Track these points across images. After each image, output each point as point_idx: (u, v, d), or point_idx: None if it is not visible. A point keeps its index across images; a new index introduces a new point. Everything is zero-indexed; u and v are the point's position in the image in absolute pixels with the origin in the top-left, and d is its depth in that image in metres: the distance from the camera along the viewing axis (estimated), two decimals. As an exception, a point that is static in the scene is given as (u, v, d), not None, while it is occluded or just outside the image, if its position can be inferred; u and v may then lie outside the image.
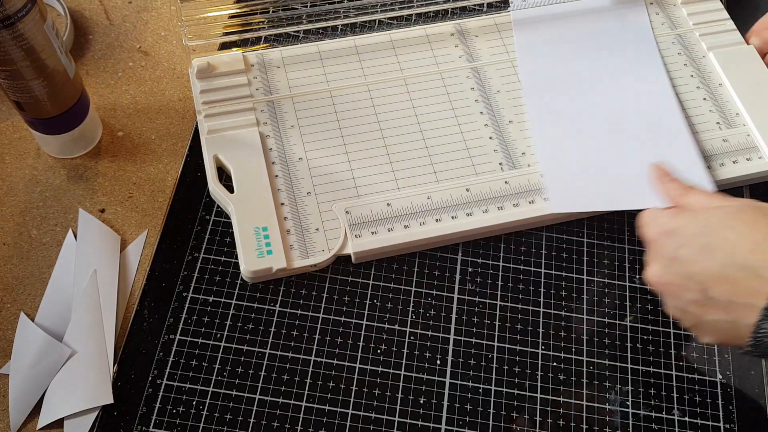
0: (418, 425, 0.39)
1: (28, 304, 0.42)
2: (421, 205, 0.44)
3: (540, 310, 0.43)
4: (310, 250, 0.42)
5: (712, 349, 0.42)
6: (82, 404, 0.38)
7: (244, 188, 0.43)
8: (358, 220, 0.43)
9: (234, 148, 0.45)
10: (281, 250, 0.41)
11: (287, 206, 0.43)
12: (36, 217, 0.45)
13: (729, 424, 0.40)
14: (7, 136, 0.48)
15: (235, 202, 0.43)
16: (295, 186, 0.44)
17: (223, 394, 0.40)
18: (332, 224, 0.43)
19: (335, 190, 0.44)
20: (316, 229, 0.43)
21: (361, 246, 0.42)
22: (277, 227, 0.42)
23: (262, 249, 0.41)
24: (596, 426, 0.40)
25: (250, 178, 0.44)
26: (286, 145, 0.45)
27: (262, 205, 0.43)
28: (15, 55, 0.38)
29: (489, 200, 0.44)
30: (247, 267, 0.41)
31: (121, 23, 0.53)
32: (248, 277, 0.42)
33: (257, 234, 0.42)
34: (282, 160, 0.45)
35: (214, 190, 0.44)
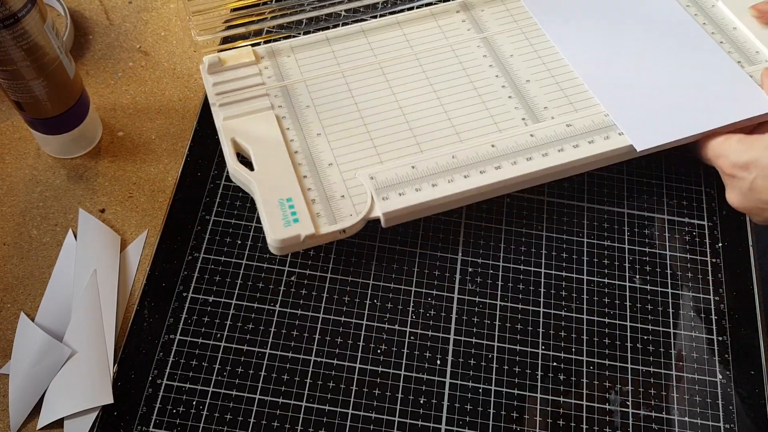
0: (418, 425, 0.39)
1: (28, 304, 0.42)
2: (447, 164, 0.43)
3: (540, 310, 0.43)
4: (338, 216, 0.42)
5: (712, 349, 0.42)
6: (82, 404, 0.38)
7: (264, 165, 0.43)
8: (384, 183, 0.42)
9: (251, 130, 0.45)
10: (308, 218, 0.41)
11: (310, 178, 0.43)
12: (36, 217, 0.45)
13: (729, 424, 0.40)
14: (7, 136, 0.48)
15: (256, 179, 0.42)
16: (316, 159, 0.44)
17: (223, 394, 0.40)
18: (358, 190, 0.43)
19: (357, 159, 0.44)
20: (341, 196, 0.42)
21: (389, 207, 0.42)
22: (301, 197, 0.42)
23: (288, 218, 0.41)
24: (596, 426, 0.40)
25: (269, 155, 0.44)
26: (303, 123, 0.46)
27: (284, 179, 0.43)
28: (15, 55, 0.38)
29: (516, 153, 0.44)
30: (274, 236, 0.40)
31: (121, 23, 0.53)
32: (276, 248, 0.41)
33: (282, 205, 0.41)
34: (300, 137, 0.45)
35: (234, 170, 0.43)
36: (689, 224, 0.46)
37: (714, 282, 0.44)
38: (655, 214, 0.47)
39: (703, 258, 0.45)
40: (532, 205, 0.47)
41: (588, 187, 0.47)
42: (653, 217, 0.47)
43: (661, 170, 0.48)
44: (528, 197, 0.47)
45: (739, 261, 0.45)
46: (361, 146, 0.45)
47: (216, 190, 0.46)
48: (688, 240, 0.46)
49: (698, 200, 0.47)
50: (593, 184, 0.47)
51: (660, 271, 0.45)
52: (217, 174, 0.46)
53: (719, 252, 0.45)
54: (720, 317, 0.43)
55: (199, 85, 0.50)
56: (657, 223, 0.46)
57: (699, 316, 0.43)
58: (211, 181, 0.46)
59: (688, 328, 0.43)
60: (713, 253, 0.45)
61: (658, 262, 0.45)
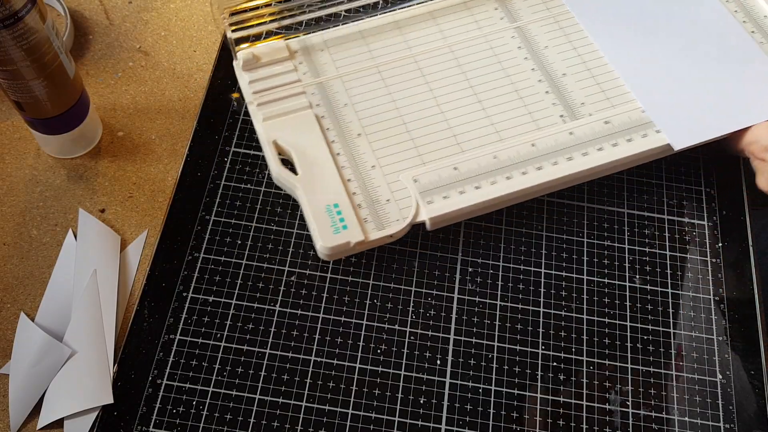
0: (418, 425, 0.39)
1: (28, 304, 0.42)
2: (489, 165, 0.43)
3: (540, 310, 0.43)
4: (384, 221, 0.42)
5: (712, 349, 0.42)
6: (82, 404, 0.38)
7: (308, 169, 0.43)
8: (428, 186, 0.43)
9: (291, 132, 0.45)
10: (356, 224, 0.41)
11: (354, 181, 0.43)
12: (36, 217, 0.45)
13: (729, 424, 0.40)
14: (7, 136, 0.48)
15: (302, 183, 0.42)
16: (359, 161, 0.44)
17: (223, 394, 0.40)
18: (402, 194, 0.43)
19: (399, 160, 0.44)
20: (386, 200, 0.42)
21: (435, 211, 0.42)
22: (348, 202, 0.42)
23: (336, 225, 0.41)
24: (596, 426, 0.40)
25: (312, 158, 0.43)
26: (343, 123, 0.45)
27: (329, 183, 0.43)
28: (15, 55, 0.38)
29: (557, 152, 0.44)
30: (324, 243, 0.41)
31: (121, 23, 0.53)
32: (326, 255, 0.41)
33: (329, 211, 0.41)
34: (341, 138, 0.45)
35: (278, 174, 0.43)
36: (689, 224, 0.46)
37: (714, 282, 0.44)
38: (655, 214, 0.47)
39: (703, 258, 0.45)
40: (532, 205, 0.46)
41: (588, 187, 0.47)
42: (653, 217, 0.47)
43: (661, 170, 0.48)
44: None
45: (739, 261, 0.45)
46: (402, 147, 0.45)
47: (216, 190, 0.46)
48: (688, 240, 0.46)
49: (698, 200, 0.47)
50: (593, 184, 0.47)
51: (660, 271, 0.45)
52: (217, 174, 0.46)
53: (719, 252, 0.45)
54: (720, 317, 0.43)
55: (200, 85, 0.50)
56: (657, 223, 0.46)
57: (699, 316, 0.43)
58: (211, 181, 0.46)
59: (688, 328, 0.43)
60: (713, 253, 0.45)
61: (658, 262, 0.45)
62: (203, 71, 0.51)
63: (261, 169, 0.47)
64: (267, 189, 0.46)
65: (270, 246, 0.44)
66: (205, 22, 0.53)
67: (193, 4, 0.54)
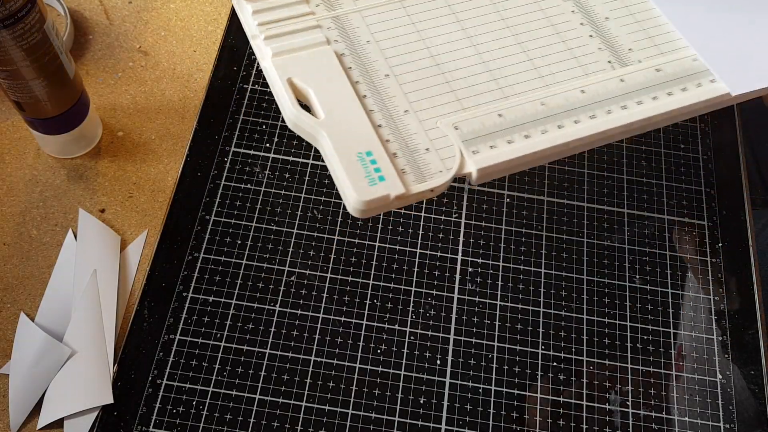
0: (418, 425, 0.39)
1: (28, 304, 0.42)
2: (537, 112, 0.39)
3: (540, 310, 0.43)
4: (426, 172, 0.36)
5: (712, 349, 0.42)
6: (82, 404, 0.38)
7: (331, 112, 0.37)
8: (471, 134, 0.38)
9: (309, 70, 0.39)
10: (394, 175, 0.36)
11: (386, 128, 0.38)
12: (36, 217, 0.45)
13: (729, 424, 0.40)
14: (7, 136, 0.48)
15: (326, 127, 0.37)
16: (389, 104, 0.39)
17: (223, 394, 0.40)
18: (442, 142, 0.37)
19: (435, 105, 0.39)
20: (425, 149, 0.37)
21: (483, 162, 0.37)
22: (382, 150, 0.36)
23: (371, 176, 0.35)
24: (596, 426, 0.40)
25: (335, 100, 0.38)
26: (367, 62, 0.40)
27: (358, 128, 0.37)
28: (15, 55, 0.38)
29: (609, 101, 0.40)
30: (359, 197, 0.35)
31: (121, 23, 0.53)
32: (360, 210, 0.35)
33: (362, 160, 0.36)
34: (366, 79, 0.39)
35: (295, 117, 0.37)
36: (689, 224, 0.46)
37: (714, 282, 0.44)
38: (655, 214, 0.47)
39: (703, 258, 0.45)
40: (532, 205, 0.47)
41: (588, 187, 0.47)
42: (653, 217, 0.47)
43: (661, 170, 0.48)
44: (528, 197, 0.47)
45: (739, 261, 0.45)
46: (438, 90, 0.40)
47: (216, 190, 0.46)
48: (688, 240, 0.46)
49: (698, 200, 0.47)
50: (593, 184, 0.48)
51: (660, 271, 0.45)
52: (217, 174, 0.46)
53: (719, 252, 0.45)
54: (720, 317, 0.43)
55: (200, 85, 0.50)
56: (657, 223, 0.46)
57: (699, 316, 0.43)
58: (211, 181, 0.46)
59: (688, 328, 0.43)
60: (713, 253, 0.45)
61: (658, 262, 0.45)
62: (203, 71, 0.51)
63: (261, 169, 0.47)
64: (267, 189, 0.46)
65: (270, 246, 0.44)
66: (205, 22, 0.53)
67: (193, 4, 0.54)
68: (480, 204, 0.46)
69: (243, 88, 0.50)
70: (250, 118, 0.48)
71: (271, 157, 0.47)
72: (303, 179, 0.47)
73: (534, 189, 0.47)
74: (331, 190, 0.46)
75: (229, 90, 0.50)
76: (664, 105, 0.40)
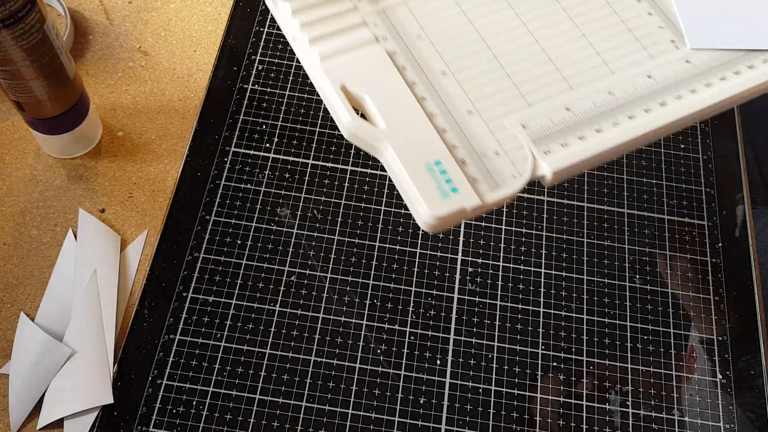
0: (418, 425, 0.39)
1: (28, 304, 0.42)
2: (605, 103, 0.36)
3: (540, 310, 0.43)
4: (498, 178, 0.34)
5: (712, 349, 0.42)
6: (82, 404, 0.38)
7: (392, 119, 0.34)
8: (540, 133, 0.35)
9: (362, 73, 0.36)
10: (467, 185, 0.33)
11: (450, 132, 0.35)
12: (36, 217, 0.45)
13: (729, 424, 0.40)
14: (7, 136, 0.48)
15: (389, 137, 0.34)
16: (450, 106, 0.36)
17: (223, 394, 0.40)
18: (511, 144, 0.35)
19: (499, 103, 0.36)
20: (495, 153, 0.34)
21: (557, 162, 0.34)
22: (451, 159, 0.33)
23: (443, 188, 0.33)
24: (596, 426, 0.40)
25: (394, 105, 0.35)
26: (421, 60, 0.37)
27: (422, 136, 0.34)
28: (15, 55, 0.38)
29: (678, 85, 0.37)
30: (433, 212, 0.32)
31: (121, 23, 0.53)
32: (432, 225, 0.33)
33: (431, 171, 0.33)
34: (423, 79, 0.36)
35: (355, 127, 0.34)
36: (689, 224, 0.46)
37: (714, 282, 0.44)
38: (655, 214, 0.47)
39: (703, 258, 0.45)
40: (532, 205, 0.47)
41: (588, 187, 0.47)
42: (653, 217, 0.47)
43: (661, 170, 0.48)
44: (528, 197, 0.47)
45: (739, 261, 0.45)
46: (499, 86, 0.37)
47: (216, 190, 0.46)
48: (688, 240, 0.46)
49: (698, 200, 0.47)
50: (593, 184, 0.48)
51: (660, 271, 0.45)
52: (217, 174, 0.46)
53: (719, 252, 0.45)
54: (720, 317, 0.43)
55: (200, 85, 0.50)
56: (657, 223, 0.46)
57: (699, 316, 0.43)
58: (211, 181, 0.46)
59: (688, 328, 0.43)
60: (713, 253, 0.45)
61: (658, 262, 0.45)
62: (203, 71, 0.51)
63: (261, 169, 0.47)
64: (267, 189, 0.46)
65: (270, 246, 0.44)
66: (205, 22, 0.53)
67: (193, 4, 0.54)
68: (480, 204, 0.46)
69: (243, 88, 0.50)
70: (250, 118, 0.48)
71: (271, 157, 0.47)
72: (303, 179, 0.47)
73: (534, 189, 0.47)
74: (331, 190, 0.46)
75: (229, 90, 0.50)
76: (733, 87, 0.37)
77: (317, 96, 0.50)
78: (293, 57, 0.51)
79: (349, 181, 0.47)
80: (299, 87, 0.50)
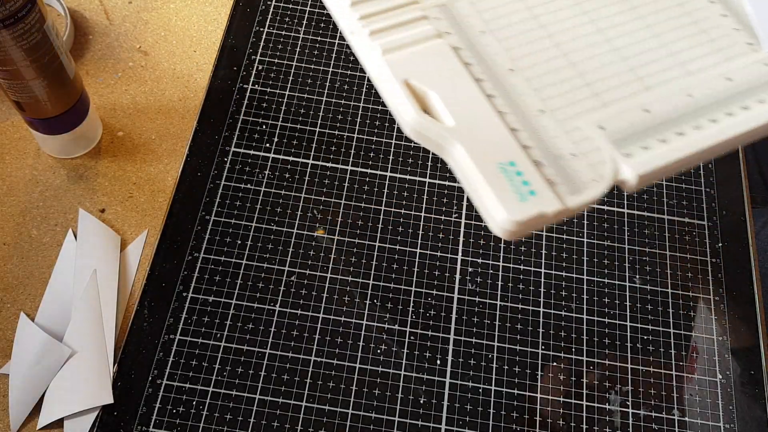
0: (418, 425, 0.39)
1: (28, 304, 0.42)
2: (686, 105, 0.34)
3: (540, 310, 0.43)
4: (578, 182, 0.32)
5: (712, 349, 0.42)
6: (82, 404, 0.38)
7: (460, 117, 0.32)
8: (618, 135, 0.33)
9: (426, 68, 0.34)
10: (546, 188, 0.31)
11: (523, 132, 0.33)
12: (36, 217, 0.45)
13: (729, 424, 0.40)
14: (7, 136, 0.48)
15: (459, 136, 0.32)
16: (521, 104, 0.34)
17: (223, 394, 0.40)
18: (588, 145, 0.33)
19: (572, 102, 0.34)
20: (571, 154, 0.32)
21: (641, 166, 0.32)
22: (526, 159, 0.31)
23: (520, 190, 0.30)
24: (596, 426, 0.40)
25: (462, 102, 0.33)
26: (486, 56, 0.35)
27: (493, 134, 0.32)
28: (15, 55, 0.38)
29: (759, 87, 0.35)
30: (511, 216, 0.30)
31: (121, 23, 0.53)
32: (510, 231, 0.31)
33: (505, 172, 0.31)
34: (490, 76, 0.34)
35: (420, 125, 0.32)
36: (689, 224, 0.46)
37: (714, 282, 0.44)
38: (655, 214, 0.47)
39: (703, 258, 0.45)
40: (532, 205, 0.46)
41: (588, 187, 0.47)
42: (653, 217, 0.47)
43: (661, 170, 0.48)
44: (528, 197, 0.47)
45: (739, 261, 0.45)
46: (570, 85, 0.35)
47: (216, 190, 0.46)
48: (688, 240, 0.46)
49: (698, 200, 0.47)
50: (593, 184, 0.47)
51: (660, 271, 0.45)
52: (217, 174, 0.46)
53: (719, 252, 0.45)
54: (720, 317, 0.43)
55: (200, 85, 0.50)
56: (657, 223, 0.46)
57: (699, 316, 0.43)
58: (211, 181, 0.46)
59: (688, 328, 0.43)
60: (713, 253, 0.45)
61: (658, 262, 0.45)
62: (203, 71, 0.51)
63: (261, 169, 0.47)
64: (267, 189, 0.46)
65: (270, 246, 0.44)
66: (205, 22, 0.53)
67: (193, 4, 0.54)
68: (480, 204, 0.46)
69: (243, 88, 0.50)
70: (250, 118, 0.48)
71: (271, 157, 0.47)
72: (303, 179, 0.47)
73: (534, 189, 0.47)
74: (331, 190, 0.46)
75: (229, 90, 0.50)
76: None
77: (317, 96, 0.50)
78: (293, 57, 0.51)
79: (349, 181, 0.47)
80: (299, 87, 0.50)
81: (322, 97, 0.50)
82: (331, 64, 0.51)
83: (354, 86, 0.50)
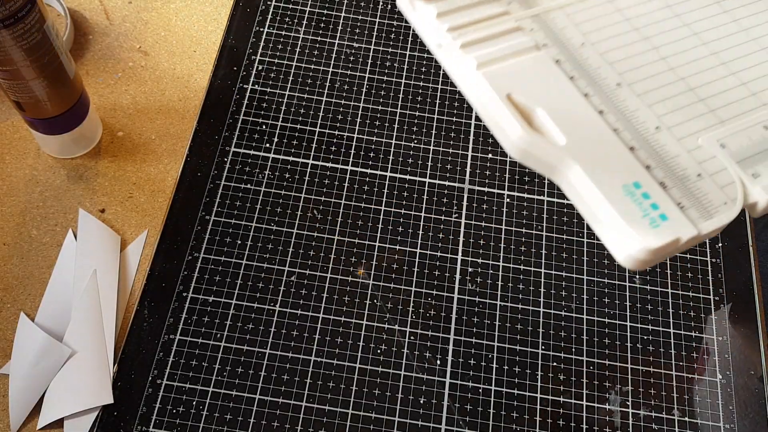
0: (418, 425, 0.39)
1: (28, 304, 0.42)
2: None
3: (540, 310, 0.43)
4: (708, 205, 0.29)
5: (712, 349, 0.42)
6: (82, 404, 0.38)
7: (572, 134, 0.29)
8: (742, 154, 0.31)
9: (528, 82, 0.31)
10: (677, 212, 0.28)
11: (641, 150, 0.30)
12: (36, 217, 0.45)
13: (729, 424, 0.40)
14: (7, 136, 0.48)
15: (574, 155, 0.29)
16: (634, 121, 0.31)
17: (223, 394, 0.40)
18: (712, 165, 0.30)
19: (689, 118, 0.32)
20: (697, 175, 0.30)
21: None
22: (651, 180, 0.29)
23: (650, 214, 0.28)
24: (596, 426, 0.40)
25: (571, 118, 0.30)
26: (590, 70, 0.32)
27: (610, 153, 0.30)
28: (15, 55, 0.38)
29: None
30: (645, 244, 0.27)
31: (121, 23, 0.53)
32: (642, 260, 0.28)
33: (631, 194, 0.28)
34: (596, 90, 0.32)
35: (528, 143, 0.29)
36: (689, 224, 0.46)
37: (714, 282, 0.44)
38: (655, 214, 0.47)
39: (703, 258, 0.45)
40: (532, 205, 0.47)
41: (588, 187, 0.47)
42: (653, 217, 0.46)
43: (661, 170, 0.48)
44: (528, 197, 0.47)
45: (739, 261, 0.45)
46: (683, 100, 0.32)
47: (216, 190, 0.46)
48: (688, 240, 0.46)
49: (698, 200, 0.47)
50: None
51: (660, 271, 0.45)
52: (217, 174, 0.46)
53: (719, 252, 0.45)
54: (720, 317, 0.43)
55: (200, 85, 0.50)
56: (657, 223, 0.46)
57: (699, 316, 0.43)
58: (211, 181, 0.46)
59: (688, 328, 0.43)
60: (713, 253, 0.45)
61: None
62: (203, 71, 0.51)
63: (261, 169, 0.47)
64: (267, 189, 0.46)
65: (270, 246, 0.44)
66: (205, 22, 0.53)
67: (193, 4, 0.54)
68: (480, 204, 0.46)
69: (243, 88, 0.50)
70: (250, 118, 0.48)
71: (271, 157, 0.47)
72: (303, 179, 0.47)
73: (534, 189, 0.47)
74: (331, 190, 0.46)
75: (229, 90, 0.50)
76: None
77: (317, 96, 0.50)
78: (293, 57, 0.51)
79: (349, 181, 0.47)
80: (299, 87, 0.50)
81: (322, 97, 0.50)
82: (331, 64, 0.51)
83: (354, 86, 0.50)
